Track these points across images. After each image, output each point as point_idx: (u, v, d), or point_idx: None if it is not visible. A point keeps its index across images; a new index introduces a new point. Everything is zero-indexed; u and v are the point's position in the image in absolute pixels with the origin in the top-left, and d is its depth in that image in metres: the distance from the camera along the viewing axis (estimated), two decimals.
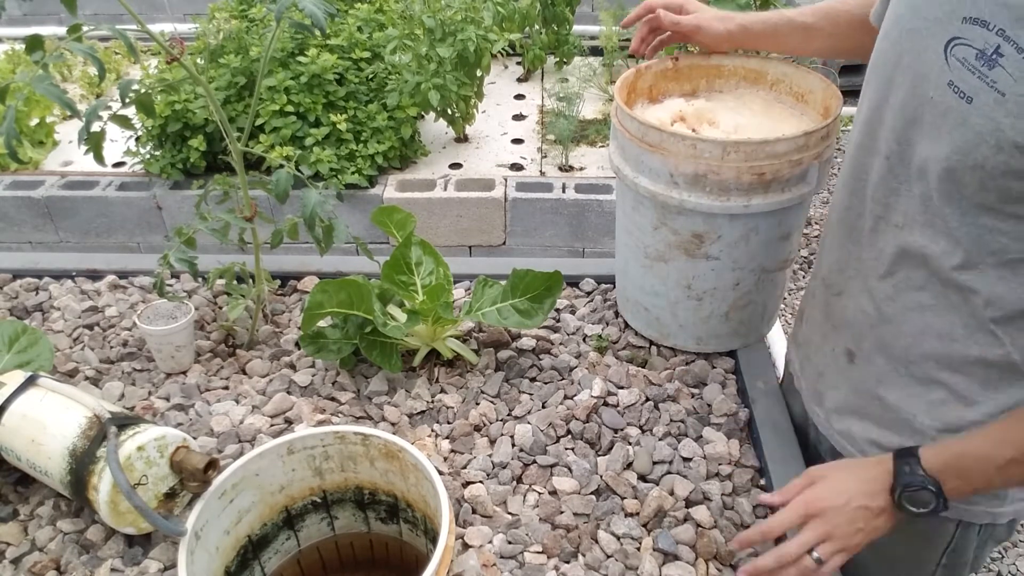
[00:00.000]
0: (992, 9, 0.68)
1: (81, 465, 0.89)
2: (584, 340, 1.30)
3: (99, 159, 1.00)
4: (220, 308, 1.36)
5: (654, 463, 1.06)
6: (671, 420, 1.13)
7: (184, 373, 1.22)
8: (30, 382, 0.98)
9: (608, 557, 0.94)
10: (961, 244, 0.76)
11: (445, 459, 1.08)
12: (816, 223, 3.23)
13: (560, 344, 1.29)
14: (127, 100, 0.98)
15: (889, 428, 0.92)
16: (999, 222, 0.73)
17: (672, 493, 1.02)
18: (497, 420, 1.14)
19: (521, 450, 1.08)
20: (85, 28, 0.91)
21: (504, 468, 1.05)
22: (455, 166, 2.80)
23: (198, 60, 2.66)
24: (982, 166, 0.70)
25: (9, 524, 0.98)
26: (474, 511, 0.99)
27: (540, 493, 1.02)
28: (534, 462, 1.06)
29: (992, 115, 0.68)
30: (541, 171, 2.75)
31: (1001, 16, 0.67)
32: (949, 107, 0.73)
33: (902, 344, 0.88)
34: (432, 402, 1.17)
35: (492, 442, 1.09)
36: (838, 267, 0.97)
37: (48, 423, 0.93)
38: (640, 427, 1.12)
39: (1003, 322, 0.78)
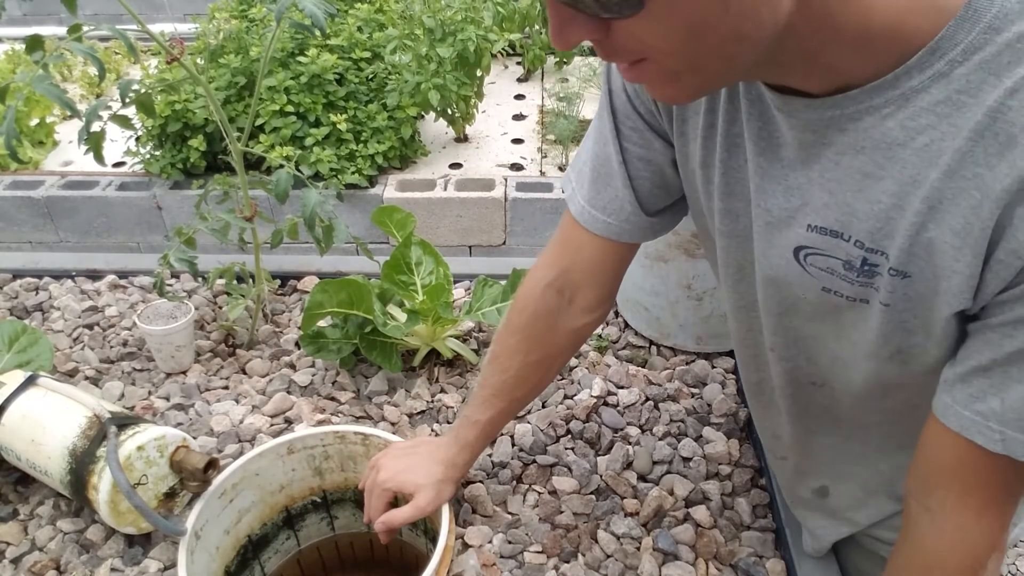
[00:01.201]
0: (840, 218, 0.59)
1: (81, 465, 0.89)
2: None
3: (99, 159, 1.00)
4: (220, 308, 1.36)
5: (654, 463, 1.06)
6: (671, 420, 1.13)
7: (184, 373, 1.22)
8: (30, 382, 0.98)
9: (608, 557, 0.94)
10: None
11: None
12: None
13: None
14: (127, 100, 0.98)
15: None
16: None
17: (672, 493, 1.02)
18: None
19: (521, 450, 1.08)
20: (85, 28, 0.91)
21: (504, 468, 1.05)
22: (455, 166, 2.80)
23: (198, 60, 2.66)
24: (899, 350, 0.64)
25: (9, 524, 0.98)
26: (474, 511, 0.99)
27: (540, 493, 1.02)
28: (534, 462, 1.06)
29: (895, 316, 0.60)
30: (541, 171, 2.75)
31: (854, 227, 0.58)
32: (837, 306, 0.64)
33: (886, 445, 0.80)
34: (432, 402, 1.17)
35: (492, 442, 1.09)
36: (771, 433, 0.89)
37: (48, 423, 0.93)
38: (640, 427, 1.13)
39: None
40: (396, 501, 0.93)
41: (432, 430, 1.12)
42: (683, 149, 0.73)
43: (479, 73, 2.76)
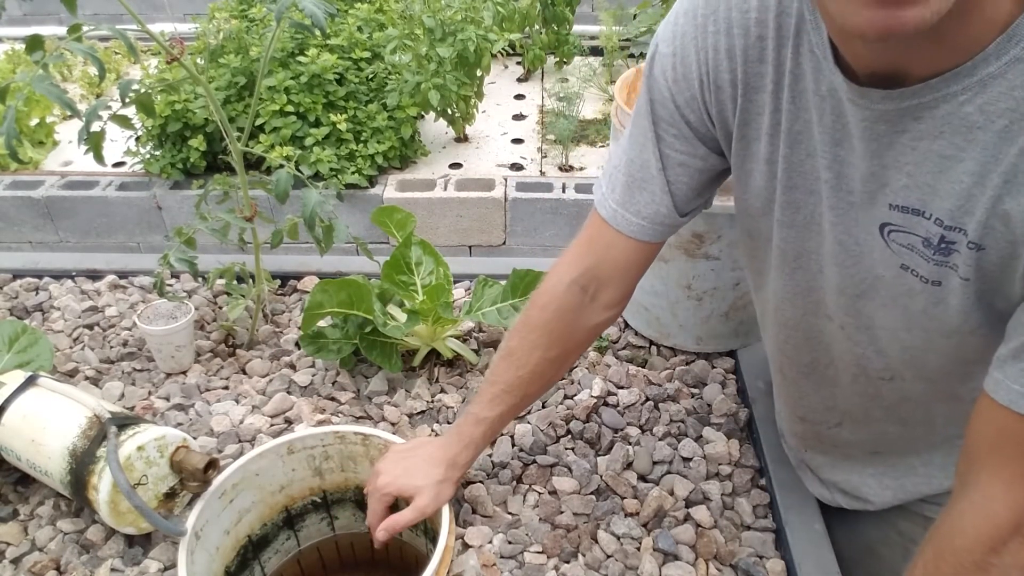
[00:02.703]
0: (922, 197, 0.62)
1: (81, 465, 0.89)
2: None
3: (99, 159, 1.00)
4: (220, 308, 1.36)
5: (654, 463, 1.06)
6: (671, 420, 1.13)
7: (184, 373, 1.22)
8: (30, 382, 0.98)
9: (608, 557, 0.94)
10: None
11: None
12: None
13: None
14: (127, 100, 0.98)
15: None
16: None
17: (672, 493, 1.02)
18: None
19: (521, 450, 1.08)
20: (85, 28, 0.91)
21: (504, 468, 1.05)
22: (455, 166, 2.80)
23: (198, 60, 2.66)
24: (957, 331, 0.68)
25: (9, 524, 0.98)
26: (474, 511, 0.99)
27: (540, 493, 1.02)
28: (534, 462, 1.06)
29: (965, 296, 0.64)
30: (541, 171, 2.75)
31: (935, 205, 0.62)
32: (911, 288, 0.68)
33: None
34: (432, 402, 1.17)
35: (492, 442, 1.09)
36: (824, 407, 0.91)
37: (48, 423, 0.93)
38: (640, 427, 1.12)
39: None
40: (397, 504, 0.93)
41: (432, 430, 1.12)
42: (743, 151, 0.76)
43: (479, 73, 2.76)
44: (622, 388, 1.19)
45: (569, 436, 1.11)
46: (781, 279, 0.82)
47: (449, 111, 2.80)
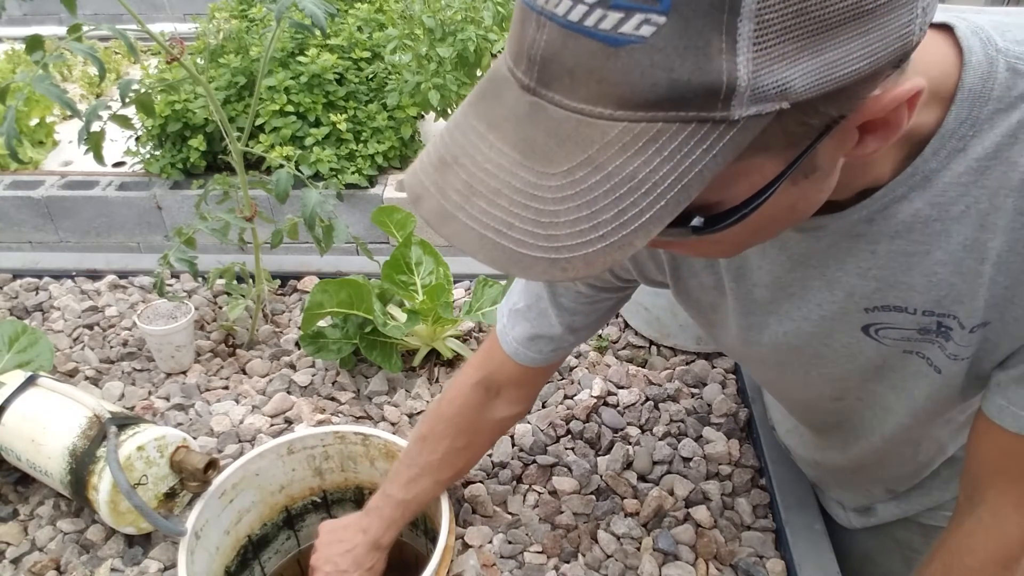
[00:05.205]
0: (899, 295, 0.60)
1: (81, 465, 0.89)
2: None
3: (99, 159, 1.00)
4: (220, 308, 1.36)
5: (654, 463, 1.06)
6: (671, 420, 1.13)
7: (184, 373, 1.22)
8: (30, 382, 0.98)
9: (608, 557, 0.94)
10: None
11: None
12: None
13: None
14: (127, 100, 0.98)
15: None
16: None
17: (672, 493, 1.02)
18: None
19: (521, 450, 1.08)
20: (85, 28, 0.91)
21: (504, 468, 1.05)
22: None
23: (198, 60, 2.66)
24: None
25: (9, 524, 0.98)
26: (474, 511, 0.99)
27: (540, 493, 1.02)
28: (534, 462, 1.06)
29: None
30: None
31: (915, 300, 0.60)
32: (918, 371, 0.66)
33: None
34: (432, 402, 1.17)
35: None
36: (840, 459, 0.90)
37: (48, 423, 0.93)
38: (640, 427, 1.12)
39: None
40: None
41: None
42: (680, 285, 0.75)
43: (479, 73, 2.76)
44: (622, 388, 1.19)
45: (569, 436, 1.11)
46: (769, 375, 0.81)
47: (449, 111, 2.80)
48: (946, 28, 0.52)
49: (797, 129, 0.40)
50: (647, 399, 1.17)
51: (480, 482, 1.02)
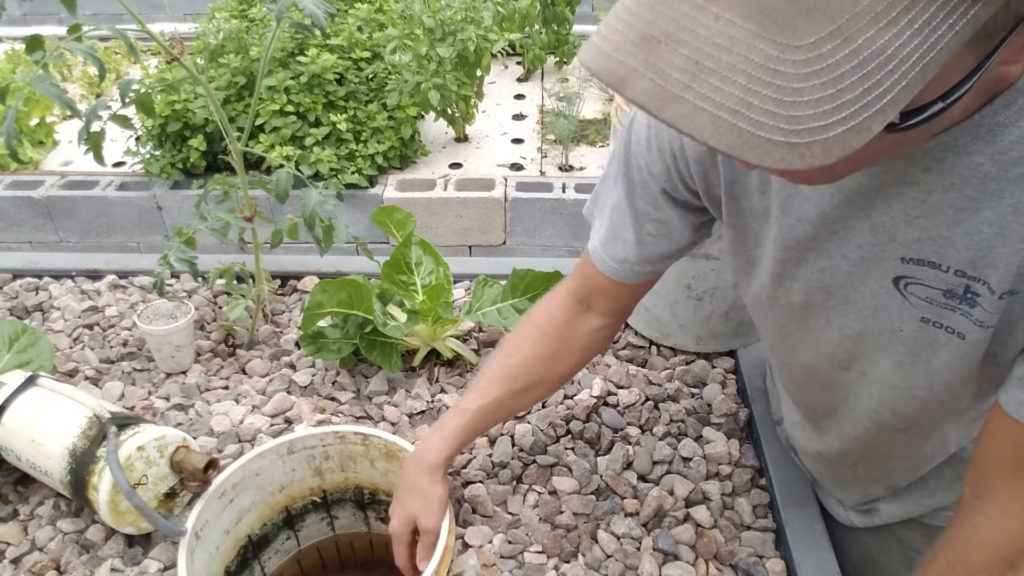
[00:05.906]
0: (936, 250, 0.59)
1: (81, 465, 0.89)
2: None
3: (99, 159, 1.00)
4: (220, 308, 1.36)
5: (654, 463, 1.06)
6: (671, 420, 1.13)
7: (184, 373, 1.22)
8: (30, 382, 0.98)
9: (608, 557, 0.94)
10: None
11: None
12: None
13: None
14: (127, 100, 0.98)
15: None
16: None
17: (672, 493, 1.02)
18: None
19: (521, 450, 1.08)
20: (85, 28, 0.91)
21: (504, 468, 1.05)
22: (455, 166, 2.80)
23: (198, 60, 2.66)
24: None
25: (9, 524, 0.98)
26: (474, 511, 0.99)
27: (540, 493, 1.02)
28: (534, 462, 1.06)
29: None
30: (541, 171, 2.75)
31: (951, 257, 0.59)
32: (934, 340, 0.65)
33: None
34: (432, 402, 1.17)
35: (492, 442, 1.09)
36: (841, 448, 0.90)
37: (48, 423, 0.93)
38: (640, 427, 1.12)
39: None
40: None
41: None
42: (732, 206, 0.73)
43: (479, 73, 2.76)
44: (622, 388, 1.19)
45: (569, 436, 1.11)
46: (789, 325, 0.79)
47: (449, 111, 2.80)
48: None
49: (1000, 20, 0.39)
50: (647, 399, 1.17)
51: (480, 482, 1.02)
